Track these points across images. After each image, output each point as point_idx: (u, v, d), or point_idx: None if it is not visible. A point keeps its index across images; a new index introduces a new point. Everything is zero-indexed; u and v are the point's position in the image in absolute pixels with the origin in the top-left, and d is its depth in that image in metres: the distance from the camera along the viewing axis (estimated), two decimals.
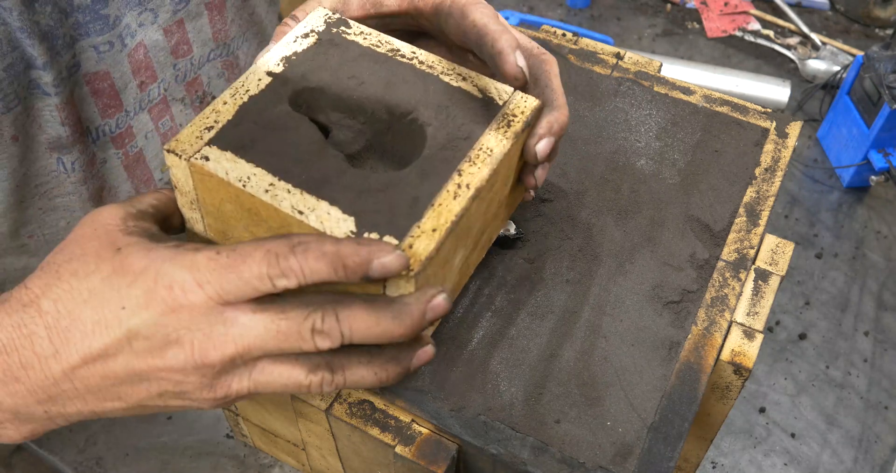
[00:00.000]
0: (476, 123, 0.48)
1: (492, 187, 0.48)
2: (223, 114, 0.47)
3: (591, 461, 0.49)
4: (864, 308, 0.92)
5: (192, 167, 0.45)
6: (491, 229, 0.53)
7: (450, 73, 0.50)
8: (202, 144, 0.45)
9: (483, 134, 0.47)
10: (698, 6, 1.27)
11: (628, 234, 0.59)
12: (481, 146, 0.47)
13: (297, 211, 0.43)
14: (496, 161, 0.46)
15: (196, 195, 0.47)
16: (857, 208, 1.02)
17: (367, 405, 0.53)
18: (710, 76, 1.13)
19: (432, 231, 0.43)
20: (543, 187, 0.61)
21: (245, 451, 0.78)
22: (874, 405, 0.85)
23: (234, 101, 0.47)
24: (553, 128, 0.49)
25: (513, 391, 0.52)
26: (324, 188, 0.44)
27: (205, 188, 0.46)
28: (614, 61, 0.69)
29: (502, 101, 0.49)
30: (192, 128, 0.46)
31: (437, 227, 0.43)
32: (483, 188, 0.46)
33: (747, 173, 0.62)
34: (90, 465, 0.78)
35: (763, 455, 0.81)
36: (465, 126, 0.47)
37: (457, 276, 0.50)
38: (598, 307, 0.55)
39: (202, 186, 0.46)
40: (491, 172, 0.46)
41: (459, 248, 0.48)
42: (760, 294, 0.56)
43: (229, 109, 0.47)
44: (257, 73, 0.49)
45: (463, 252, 0.49)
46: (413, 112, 0.48)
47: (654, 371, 0.52)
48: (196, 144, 0.45)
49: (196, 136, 0.46)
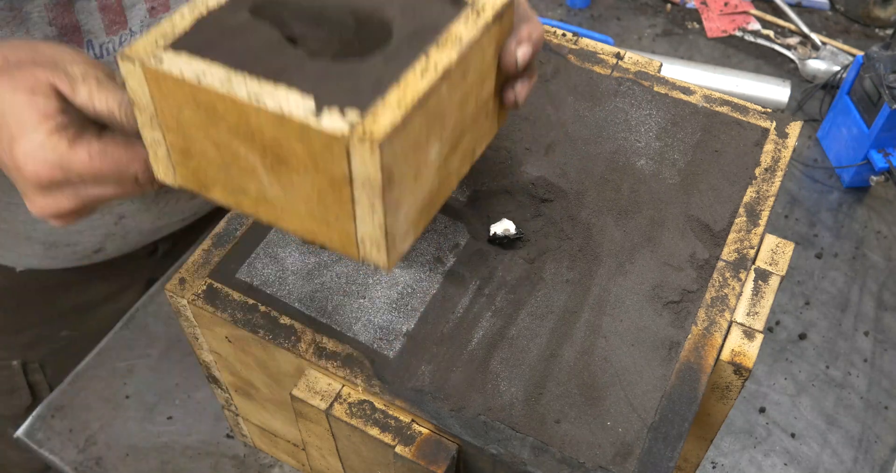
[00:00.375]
0: (445, 17, 0.47)
1: (464, 75, 0.46)
2: (180, 25, 0.46)
3: (591, 461, 0.49)
4: (864, 308, 0.92)
5: (147, 72, 0.44)
6: (473, 135, 0.52)
7: None
8: (158, 49, 0.44)
9: (451, 24, 0.46)
10: (698, 6, 1.27)
11: (628, 234, 0.59)
12: (450, 34, 0.46)
13: (255, 98, 0.42)
14: (466, 46, 0.45)
15: (154, 108, 0.46)
16: (857, 208, 1.02)
17: (367, 405, 0.53)
18: (710, 76, 1.13)
19: (397, 105, 0.41)
20: (543, 187, 0.61)
21: (245, 451, 0.78)
22: (874, 405, 0.85)
23: (193, 14, 0.46)
24: (532, 35, 0.49)
25: (513, 391, 0.52)
26: (282, 76, 0.43)
27: (161, 96, 0.45)
28: (614, 61, 0.69)
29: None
30: (149, 37, 0.45)
31: (402, 101, 0.41)
32: (452, 71, 0.44)
33: (747, 173, 0.62)
34: (90, 465, 0.78)
35: (763, 455, 0.81)
36: (434, 20, 0.46)
37: (435, 176, 0.48)
38: (598, 307, 0.55)
39: (159, 93, 0.45)
40: (460, 56, 0.45)
41: (433, 136, 0.46)
42: (760, 294, 0.56)
43: (187, 19, 0.46)
44: None
45: (439, 146, 0.47)
46: (379, 13, 0.47)
47: (654, 371, 0.52)
48: (151, 48, 0.44)
49: (152, 43, 0.45)
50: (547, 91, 0.67)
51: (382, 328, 0.55)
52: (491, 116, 0.53)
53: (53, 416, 0.81)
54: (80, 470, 0.77)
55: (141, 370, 0.84)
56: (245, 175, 0.46)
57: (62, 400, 0.82)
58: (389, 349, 0.54)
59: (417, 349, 0.53)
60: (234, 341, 0.57)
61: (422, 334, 0.54)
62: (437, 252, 0.58)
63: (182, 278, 0.57)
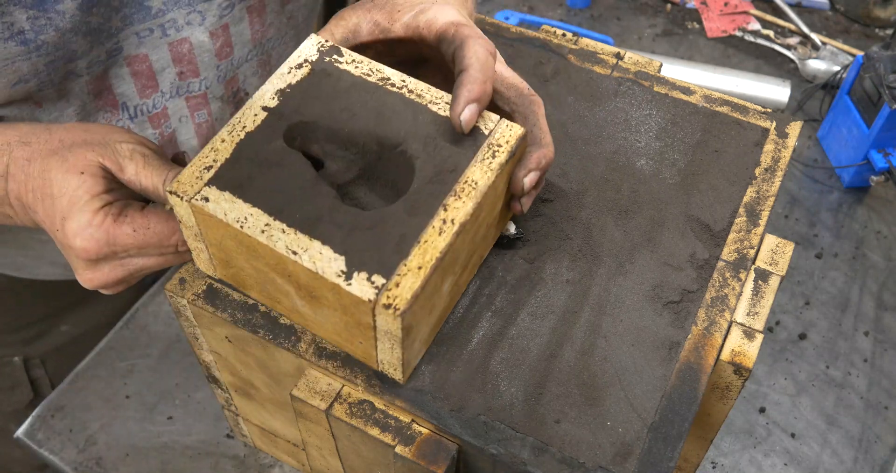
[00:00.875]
0: (462, 154, 0.49)
1: (477, 218, 0.49)
2: (221, 152, 0.49)
3: (591, 461, 0.49)
4: (864, 308, 0.92)
5: (194, 208, 0.48)
6: (480, 250, 0.55)
7: (438, 102, 0.51)
8: (202, 184, 0.48)
9: (468, 166, 0.49)
10: (698, 6, 1.27)
11: (628, 234, 0.59)
12: (466, 179, 0.48)
13: (292, 252, 0.45)
14: (480, 194, 0.48)
15: (199, 229, 0.50)
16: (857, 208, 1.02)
17: (367, 405, 0.53)
18: (710, 76, 1.13)
19: (418, 269, 0.45)
20: (544, 187, 0.61)
21: (245, 451, 0.78)
22: (874, 406, 0.85)
23: (232, 138, 0.50)
24: (541, 163, 0.52)
25: (513, 391, 0.52)
26: (316, 227, 0.46)
27: (206, 226, 0.49)
28: (614, 61, 0.69)
29: (488, 130, 0.50)
30: (192, 168, 0.48)
31: (423, 264, 0.45)
32: (468, 222, 0.48)
33: (747, 173, 0.62)
34: (90, 465, 0.78)
35: (763, 455, 0.81)
36: (452, 158, 0.49)
37: (447, 299, 0.52)
38: (598, 307, 0.55)
39: (204, 223, 0.49)
40: (475, 206, 0.48)
41: (447, 277, 0.49)
42: (760, 294, 0.56)
43: (227, 147, 0.49)
44: (253, 108, 0.51)
45: (451, 279, 0.50)
46: (402, 144, 0.50)
47: (654, 371, 0.52)
48: (196, 184, 0.48)
49: (196, 176, 0.48)
50: (547, 91, 0.67)
51: None
52: (498, 225, 0.56)
53: (53, 416, 0.81)
54: (80, 470, 0.77)
55: (141, 370, 0.84)
56: (280, 294, 0.50)
57: (62, 400, 0.82)
58: None
59: None
60: (234, 341, 0.57)
61: None
62: None
63: (182, 278, 0.57)
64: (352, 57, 0.53)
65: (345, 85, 0.52)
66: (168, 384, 0.83)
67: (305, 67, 0.53)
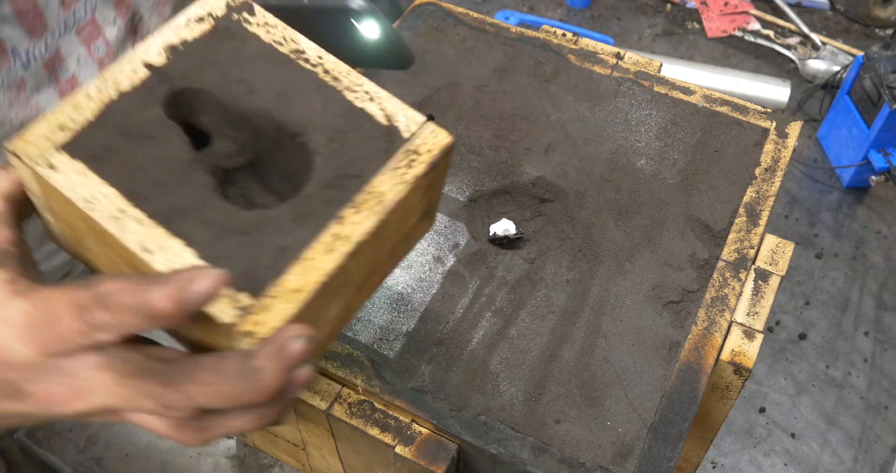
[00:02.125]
0: (372, 158, 0.41)
1: (379, 236, 0.41)
2: (83, 111, 0.40)
3: (591, 461, 0.49)
4: (864, 308, 0.92)
5: (36, 176, 0.39)
6: (384, 269, 0.47)
7: (356, 89, 0.43)
8: (51, 146, 0.38)
9: (377, 173, 0.41)
10: (698, 6, 1.27)
11: (628, 234, 0.59)
12: (372, 189, 0.40)
13: (144, 249, 0.37)
14: (386, 210, 0.40)
15: (45, 201, 0.41)
16: (857, 208, 1.02)
17: (367, 405, 0.53)
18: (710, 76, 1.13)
19: (294, 292, 0.37)
20: (543, 187, 0.61)
21: (245, 451, 0.78)
22: (874, 406, 0.85)
23: (100, 96, 0.40)
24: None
25: (513, 391, 0.52)
26: (181, 222, 0.38)
27: (52, 198, 0.40)
28: (614, 61, 0.69)
29: (409, 132, 0.42)
30: (43, 125, 0.39)
31: (302, 287, 0.37)
32: (366, 242, 0.40)
33: (747, 173, 0.62)
34: (90, 465, 0.78)
35: (763, 455, 0.81)
36: (360, 160, 0.41)
37: (334, 322, 0.44)
38: (598, 307, 0.55)
39: (50, 195, 0.40)
40: (378, 224, 0.40)
41: (335, 301, 0.42)
42: (760, 294, 0.56)
43: (92, 105, 0.40)
44: (133, 62, 0.41)
45: (341, 302, 0.43)
46: (303, 134, 0.42)
47: (654, 371, 0.52)
48: (44, 145, 0.38)
49: (45, 136, 0.39)
50: (547, 91, 0.67)
51: (382, 328, 0.55)
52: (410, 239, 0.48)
53: None
54: (80, 470, 0.77)
55: None
56: None
57: None
58: (389, 349, 0.54)
59: (417, 349, 0.53)
60: None
61: (422, 334, 0.54)
62: (437, 252, 0.58)
63: None
64: (265, 19, 0.44)
65: (249, 51, 0.43)
66: None
67: (207, 21, 0.43)
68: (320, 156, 0.41)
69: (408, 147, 0.42)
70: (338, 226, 0.39)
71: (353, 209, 0.40)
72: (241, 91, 0.42)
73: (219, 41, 0.43)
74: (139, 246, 0.37)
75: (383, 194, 0.40)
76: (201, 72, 0.42)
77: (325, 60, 0.44)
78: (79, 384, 0.37)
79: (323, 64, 0.44)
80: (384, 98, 0.43)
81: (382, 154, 0.41)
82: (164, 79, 0.41)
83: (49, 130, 0.39)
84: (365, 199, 0.40)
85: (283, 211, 0.39)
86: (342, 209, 0.39)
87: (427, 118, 0.43)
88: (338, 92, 0.43)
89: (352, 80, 0.43)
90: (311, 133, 0.42)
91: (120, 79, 0.41)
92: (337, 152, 0.41)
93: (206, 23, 0.43)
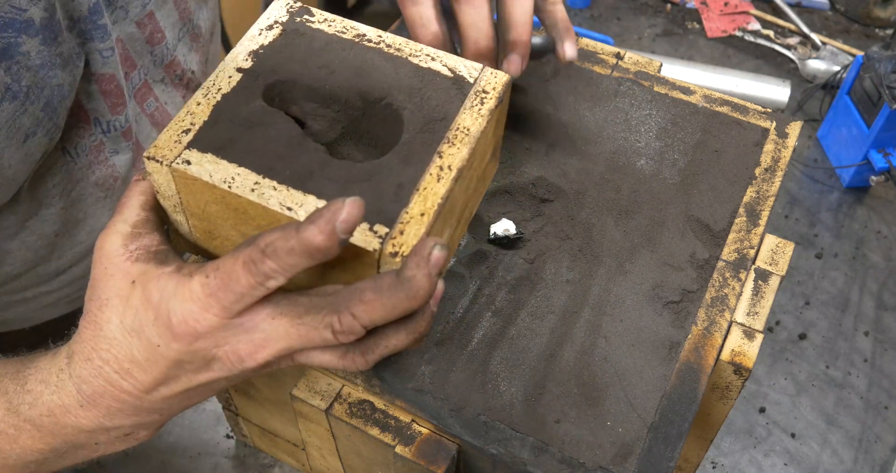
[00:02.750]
0: (450, 103, 0.49)
1: (471, 164, 0.49)
2: (198, 115, 0.47)
3: (591, 461, 0.49)
4: (864, 308, 0.92)
5: (175, 172, 0.45)
6: (472, 204, 0.54)
7: (418, 54, 0.51)
8: (181, 147, 0.45)
9: (458, 113, 0.48)
10: (698, 6, 1.27)
11: (628, 234, 0.59)
12: (458, 126, 0.48)
13: (286, 207, 0.44)
14: (474, 140, 0.47)
15: (179, 199, 0.47)
16: (857, 208, 1.02)
17: (367, 405, 0.53)
18: (710, 76, 1.13)
19: (420, 216, 0.44)
20: (543, 187, 0.61)
21: (245, 451, 0.78)
22: (874, 406, 0.85)
23: (208, 101, 0.47)
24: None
25: (513, 391, 0.52)
26: (308, 182, 0.44)
27: (188, 192, 0.46)
28: (614, 61, 0.69)
29: (473, 78, 0.50)
30: (169, 132, 0.46)
31: (425, 211, 0.44)
32: (464, 168, 0.47)
33: (747, 173, 0.62)
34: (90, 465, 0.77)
35: (763, 455, 0.81)
36: (440, 107, 0.48)
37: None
38: (598, 307, 0.55)
39: (186, 189, 0.46)
40: (470, 151, 0.47)
41: (446, 227, 0.49)
42: (760, 294, 0.56)
43: (203, 109, 0.47)
44: (227, 70, 0.49)
45: (449, 231, 0.50)
46: (387, 97, 0.49)
47: (654, 371, 0.52)
48: (175, 148, 0.45)
49: (174, 140, 0.46)
50: (547, 91, 0.67)
51: None
52: (485, 178, 0.55)
53: None
54: (80, 470, 0.77)
55: None
56: None
57: None
58: None
59: (417, 349, 0.53)
60: None
61: None
62: None
63: None
64: (323, 16, 0.52)
65: (320, 43, 0.51)
66: None
67: (276, 28, 0.51)
68: (407, 110, 0.48)
69: (475, 89, 0.50)
70: (439, 159, 0.47)
71: (448, 144, 0.47)
72: (323, 74, 0.49)
73: (292, 40, 0.51)
74: (281, 207, 0.44)
75: (468, 127, 0.48)
76: (285, 66, 0.50)
77: (384, 37, 0.51)
78: (259, 335, 0.43)
79: (384, 40, 0.51)
80: (443, 56, 0.51)
81: (457, 98, 0.49)
82: (256, 77, 0.49)
83: (176, 135, 0.46)
84: (455, 134, 0.48)
85: (391, 158, 0.46)
86: (439, 146, 0.47)
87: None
88: (404, 59, 0.50)
89: (412, 48, 0.51)
90: (394, 94, 0.49)
91: (220, 84, 0.48)
92: (420, 105, 0.49)
93: (276, 29, 0.51)
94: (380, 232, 0.43)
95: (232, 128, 0.46)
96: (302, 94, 0.50)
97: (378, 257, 0.43)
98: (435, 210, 0.44)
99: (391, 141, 0.48)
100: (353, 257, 0.44)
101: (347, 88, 0.49)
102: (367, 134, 0.51)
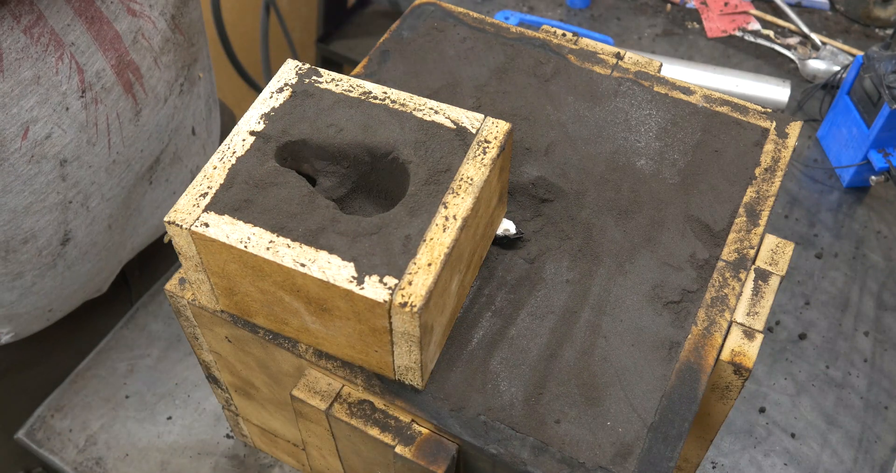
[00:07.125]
0: (454, 154, 0.50)
1: (476, 213, 0.50)
2: (214, 179, 0.49)
3: (591, 461, 0.49)
4: (864, 308, 0.92)
5: (194, 235, 0.48)
6: (480, 249, 0.55)
7: (422, 108, 0.53)
8: (199, 211, 0.48)
9: (462, 164, 0.50)
10: (698, 6, 1.27)
11: (628, 234, 0.59)
12: (462, 176, 0.49)
13: (300, 264, 0.46)
14: (477, 189, 0.49)
15: (200, 259, 0.50)
16: (857, 208, 1.02)
17: (367, 405, 0.53)
18: (710, 76, 1.13)
19: (428, 266, 0.46)
20: (543, 187, 0.61)
21: (245, 451, 0.78)
22: (874, 406, 0.85)
23: (223, 164, 0.50)
24: None
25: (513, 391, 0.52)
26: (320, 238, 0.47)
27: (208, 252, 0.49)
28: (614, 61, 0.69)
29: (475, 128, 0.51)
30: (188, 197, 0.49)
31: (432, 260, 0.46)
32: (469, 217, 0.48)
33: (747, 173, 0.62)
34: (90, 465, 0.78)
35: (763, 455, 0.81)
36: (444, 158, 0.50)
37: (455, 299, 0.52)
38: (598, 307, 0.55)
39: (205, 250, 0.49)
40: (475, 201, 0.49)
41: (455, 275, 0.50)
42: (760, 294, 0.56)
43: (219, 173, 0.50)
44: (240, 134, 0.52)
45: (458, 277, 0.51)
46: (393, 151, 0.51)
47: (654, 371, 0.52)
48: (194, 212, 0.48)
49: (192, 204, 0.48)
50: (547, 91, 0.67)
51: None
52: (493, 224, 0.57)
53: (53, 416, 0.81)
54: (80, 470, 0.77)
55: (141, 370, 0.84)
56: (288, 314, 0.50)
57: (62, 400, 0.82)
58: None
59: None
60: (233, 340, 0.57)
61: None
62: None
63: (182, 278, 0.57)
64: (331, 76, 0.55)
65: (328, 103, 0.53)
66: (168, 384, 0.83)
67: (286, 90, 0.54)
68: (412, 163, 0.50)
69: (478, 139, 0.51)
70: (445, 210, 0.48)
71: (453, 194, 0.49)
72: (332, 132, 0.52)
73: (301, 101, 0.53)
74: (295, 263, 0.46)
75: (471, 177, 0.49)
76: (296, 126, 0.52)
77: (389, 94, 0.53)
78: None
79: (389, 96, 0.53)
80: (445, 109, 0.53)
81: (460, 149, 0.51)
82: (268, 139, 0.51)
83: (194, 199, 0.49)
84: (459, 184, 0.49)
85: (399, 210, 0.48)
86: (444, 197, 0.49)
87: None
88: (408, 113, 0.52)
89: (416, 102, 0.53)
90: (400, 148, 0.51)
91: (234, 148, 0.51)
92: (424, 157, 0.50)
93: (286, 91, 0.54)
94: (389, 284, 0.45)
95: (247, 189, 0.49)
96: (312, 152, 0.52)
97: (388, 308, 0.45)
98: (442, 260, 0.46)
99: (399, 193, 0.50)
100: (366, 308, 0.45)
101: (355, 144, 0.51)
102: (377, 187, 0.53)
